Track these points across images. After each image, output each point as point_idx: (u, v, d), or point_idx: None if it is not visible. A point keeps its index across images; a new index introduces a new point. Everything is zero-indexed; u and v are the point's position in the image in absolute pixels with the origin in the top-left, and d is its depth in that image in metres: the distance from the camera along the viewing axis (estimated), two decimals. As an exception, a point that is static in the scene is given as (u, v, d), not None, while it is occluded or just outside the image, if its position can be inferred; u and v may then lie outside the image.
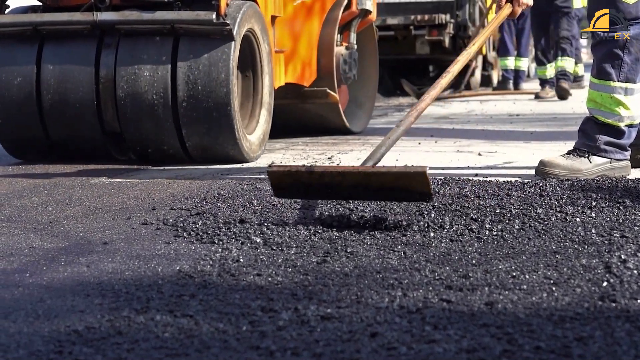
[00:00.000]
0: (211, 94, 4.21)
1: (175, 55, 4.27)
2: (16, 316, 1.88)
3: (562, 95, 9.53)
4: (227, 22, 4.18)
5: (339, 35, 5.78)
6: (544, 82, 9.96)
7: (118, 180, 3.85)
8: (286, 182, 2.71)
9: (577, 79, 11.47)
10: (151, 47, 4.28)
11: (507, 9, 3.71)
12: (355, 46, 5.96)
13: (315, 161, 4.50)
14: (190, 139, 4.33)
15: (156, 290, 2.04)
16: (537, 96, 9.98)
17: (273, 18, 4.96)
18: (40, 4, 4.55)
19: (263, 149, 4.72)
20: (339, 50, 5.72)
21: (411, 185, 2.58)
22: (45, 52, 4.37)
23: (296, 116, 5.91)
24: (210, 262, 2.31)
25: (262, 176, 3.84)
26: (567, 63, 9.49)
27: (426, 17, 10.74)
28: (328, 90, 5.55)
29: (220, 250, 2.46)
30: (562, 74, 9.58)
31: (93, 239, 2.67)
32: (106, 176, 3.97)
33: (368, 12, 6.02)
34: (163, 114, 4.26)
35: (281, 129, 5.71)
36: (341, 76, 5.71)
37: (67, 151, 4.55)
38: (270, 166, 2.75)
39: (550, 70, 9.83)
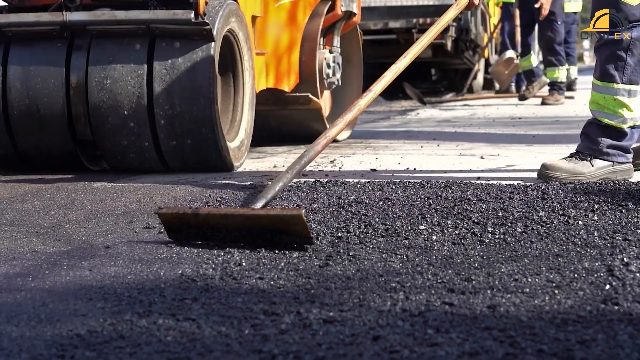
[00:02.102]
0: (191, 99, 3.99)
1: (151, 58, 4.03)
2: (19, 320, 1.88)
3: (546, 102, 9.59)
4: (207, 21, 3.96)
5: (322, 39, 5.54)
6: (553, 85, 9.89)
7: (120, 184, 3.85)
8: (176, 224, 2.63)
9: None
10: (125, 49, 4.03)
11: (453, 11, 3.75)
12: (339, 50, 5.74)
13: (318, 164, 4.50)
14: (167, 147, 4.10)
15: (158, 294, 2.04)
16: (544, 102, 9.94)
17: (253, 18, 4.74)
18: (6, 4, 4.28)
19: (245, 157, 4.49)
20: (322, 54, 5.47)
21: (289, 229, 2.47)
22: (12, 55, 4.10)
23: (276, 123, 5.62)
24: (213, 266, 2.31)
25: (265, 181, 3.84)
26: (558, 74, 9.40)
27: (428, 20, 10.75)
28: (310, 96, 5.27)
29: (222, 253, 2.46)
30: (552, 84, 9.59)
31: (95, 243, 2.67)
32: (108, 180, 3.97)
33: (352, 14, 5.79)
34: (138, 120, 4.03)
35: (259, 137, 5.44)
36: (324, 81, 5.47)
37: (36, 161, 4.27)
38: (160, 208, 2.66)
39: (533, 61, 9.77)
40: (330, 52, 5.61)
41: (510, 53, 10.22)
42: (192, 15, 3.94)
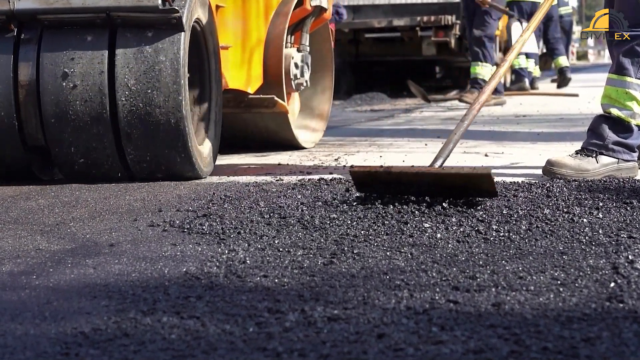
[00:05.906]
0: (158, 97, 3.57)
1: (112, 51, 3.59)
2: (23, 318, 1.88)
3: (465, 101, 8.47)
4: (176, 8, 3.54)
5: (289, 36, 5.10)
6: (473, 82, 8.78)
7: (124, 181, 3.85)
8: (367, 180, 3.00)
9: (561, 71, 11.57)
10: (82, 42, 3.58)
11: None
12: (308, 48, 5.25)
13: (322, 162, 4.50)
14: (132, 153, 3.66)
15: (163, 292, 2.04)
16: (460, 99, 8.96)
17: (217, 8, 4.23)
18: None
19: (214, 163, 4.08)
20: (290, 52, 5.00)
21: (479, 185, 2.85)
22: None
23: (236, 128, 5.07)
24: (217, 264, 2.31)
25: (268, 178, 3.84)
26: (480, 69, 8.58)
27: (432, 18, 10.75)
28: (276, 99, 4.75)
29: (226, 251, 2.46)
30: (474, 81, 8.67)
31: (99, 241, 2.67)
32: (113, 178, 3.96)
33: (323, 9, 5.29)
34: (98, 123, 3.59)
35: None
36: (291, 82, 5.00)
37: None
38: (352, 167, 3.05)
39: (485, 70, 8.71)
40: (299, 50, 5.16)
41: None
42: (160, 1, 3.54)
